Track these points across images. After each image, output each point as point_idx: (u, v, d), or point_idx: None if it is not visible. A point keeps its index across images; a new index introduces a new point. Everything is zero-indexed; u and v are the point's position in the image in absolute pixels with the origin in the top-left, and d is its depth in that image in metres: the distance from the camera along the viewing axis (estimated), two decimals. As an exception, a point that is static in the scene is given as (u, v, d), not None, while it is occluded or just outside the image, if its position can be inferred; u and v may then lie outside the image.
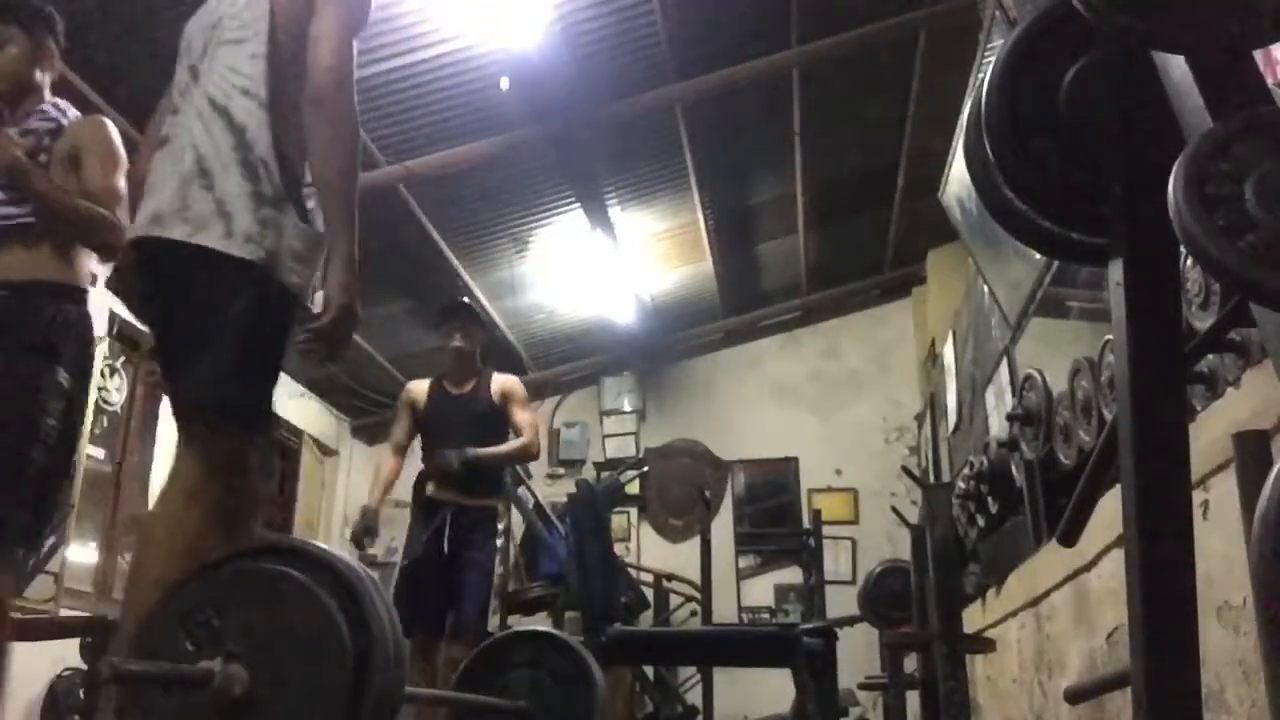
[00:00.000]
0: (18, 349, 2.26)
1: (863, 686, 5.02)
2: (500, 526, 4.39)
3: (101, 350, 4.46)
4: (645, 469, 7.69)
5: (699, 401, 8.19)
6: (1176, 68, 0.85)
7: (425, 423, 4.09)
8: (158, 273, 1.75)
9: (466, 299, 4.53)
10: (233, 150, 1.75)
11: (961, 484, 4.08)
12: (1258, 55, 1.23)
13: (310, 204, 1.82)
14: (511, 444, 4.09)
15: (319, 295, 1.78)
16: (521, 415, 4.11)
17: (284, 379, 1.99)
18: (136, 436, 5.35)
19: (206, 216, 1.70)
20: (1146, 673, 0.91)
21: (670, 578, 7.08)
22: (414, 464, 4.18)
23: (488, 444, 3.99)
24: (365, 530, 3.94)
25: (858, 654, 5.55)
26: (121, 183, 2.39)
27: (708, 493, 6.38)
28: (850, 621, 4.97)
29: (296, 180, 1.80)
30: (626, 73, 5.08)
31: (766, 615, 7.65)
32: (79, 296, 2.40)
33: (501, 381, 4.15)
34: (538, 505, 6.08)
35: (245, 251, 1.68)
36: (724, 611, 6.71)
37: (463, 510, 3.92)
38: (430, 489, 3.97)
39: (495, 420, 4.07)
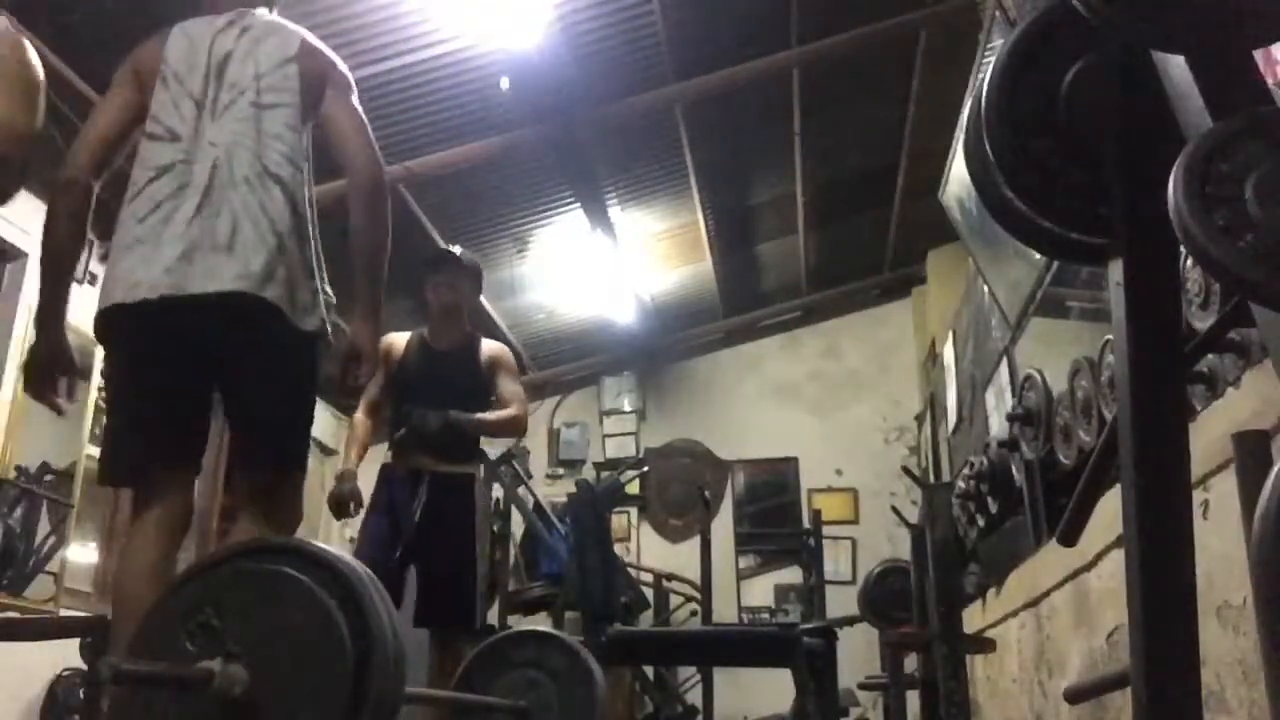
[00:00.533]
0: None
1: (863, 686, 5.02)
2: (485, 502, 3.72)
3: (100, 352, 4.47)
4: (645, 469, 7.69)
5: (699, 401, 8.19)
6: (1176, 68, 0.85)
7: (402, 379, 3.57)
8: (226, 326, 1.87)
9: (457, 247, 3.92)
10: (291, 219, 1.93)
11: (961, 484, 4.08)
12: (1258, 55, 1.23)
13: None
14: (500, 412, 3.62)
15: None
16: (511, 387, 3.67)
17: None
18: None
19: (282, 285, 1.88)
20: (1146, 673, 0.91)
21: (670, 578, 7.08)
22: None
23: (466, 410, 3.50)
24: (348, 495, 3.45)
25: (858, 654, 5.55)
26: (28, 118, 1.99)
27: (708, 493, 6.38)
28: (850, 621, 4.97)
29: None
30: (626, 73, 5.08)
31: (766, 615, 7.65)
32: None
33: (491, 347, 3.73)
34: (538, 505, 6.08)
35: (307, 325, 1.91)
36: (724, 611, 6.71)
37: (438, 477, 3.43)
38: (390, 455, 3.49)
39: (481, 387, 3.61)
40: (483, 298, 6.73)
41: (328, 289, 2.01)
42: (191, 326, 1.86)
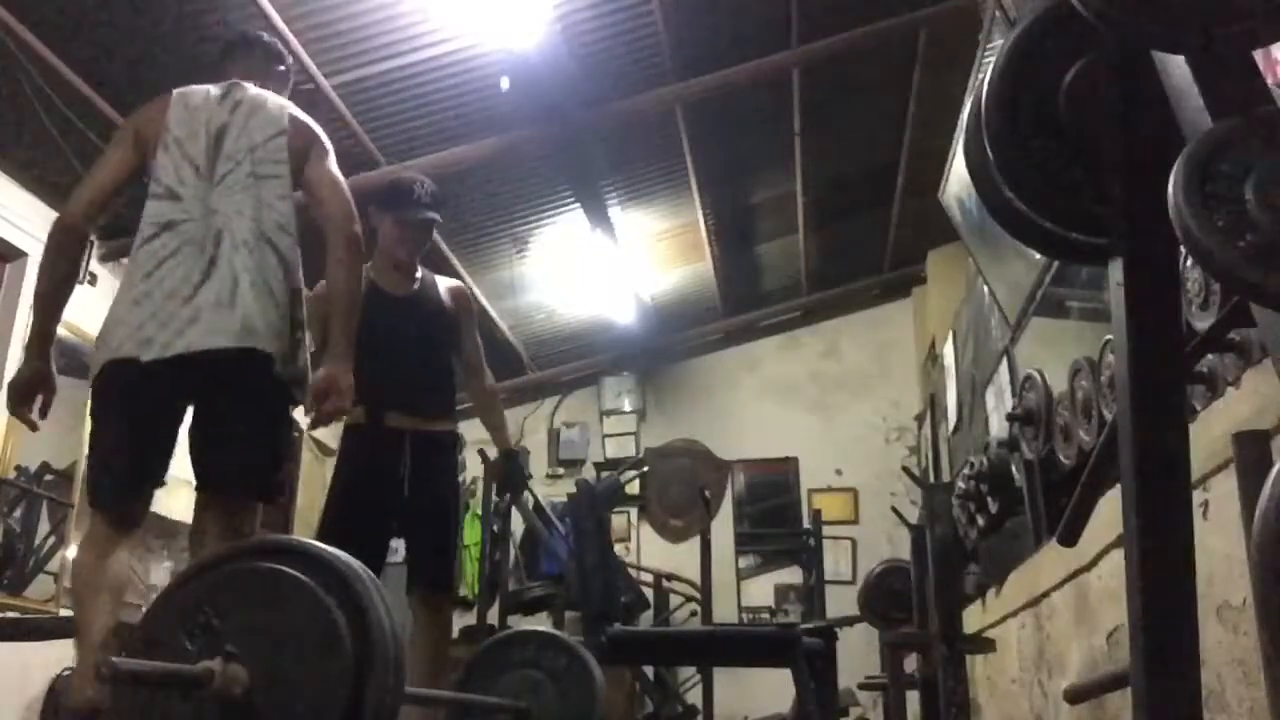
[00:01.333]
0: None
1: (863, 686, 5.02)
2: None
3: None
4: (645, 469, 7.68)
5: (699, 401, 8.19)
6: (1176, 68, 0.85)
7: (359, 332, 3.33)
8: (225, 375, 2.09)
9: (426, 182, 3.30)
10: (283, 280, 2.17)
11: (961, 484, 4.08)
12: (1258, 55, 1.23)
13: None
14: (500, 414, 3.43)
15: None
16: (476, 345, 3.31)
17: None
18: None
19: (275, 337, 2.11)
20: (1146, 673, 0.91)
21: (670, 578, 7.08)
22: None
23: (438, 360, 3.18)
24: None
25: (858, 654, 5.54)
26: None
27: (708, 493, 6.37)
28: (850, 621, 4.97)
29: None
30: (626, 73, 5.08)
31: (766, 615, 7.65)
32: None
33: (450, 288, 3.29)
34: (538, 505, 6.07)
35: (288, 373, 2.13)
36: (724, 611, 6.70)
37: (421, 437, 3.06)
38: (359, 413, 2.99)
39: (445, 336, 3.22)
40: (483, 297, 6.77)
41: (306, 335, 2.25)
42: (194, 377, 2.09)
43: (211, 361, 2.06)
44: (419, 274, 3.20)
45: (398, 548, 3.12)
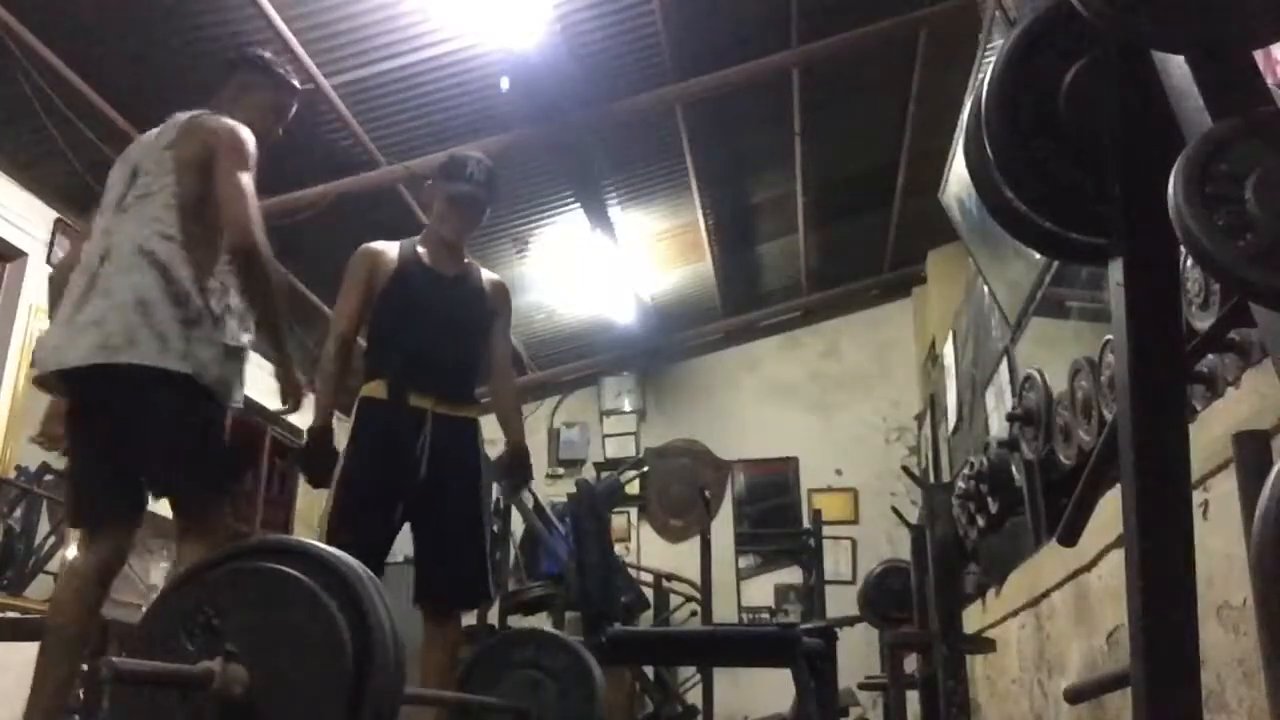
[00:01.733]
0: None
1: (863, 686, 5.02)
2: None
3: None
4: (645, 469, 7.68)
5: (699, 401, 8.19)
6: (1176, 68, 0.85)
7: (401, 304, 2.90)
8: (108, 391, 2.20)
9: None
10: (163, 286, 2.23)
11: (961, 484, 4.07)
12: (1258, 55, 1.23)
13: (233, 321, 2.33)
14: (519, 409, 3.27)
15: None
16: (505, 342, 3.15)
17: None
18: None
19: (150, 342, 2.18)
20: (1146, 673, 0.91)
21: (670, 578, 7.08)
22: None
23: (471, 346, 2.98)
24: (320, 457, 2.80)
25: (858, 654, 5.55)
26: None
27: (708, 493, 6.37)
28: (850, 621, 4.97)
29: (224, 304, 2.31)
30: (626, 73, 5.08)
31: (766, 615, 7.65)
32: None
33: (492, 280, 3.14)
34: (538, 505, 6.07)
35: (182, 366, 2.20)
36: (724, 611, 6.70)
37: (443, 420, 2.81)
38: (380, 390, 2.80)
39: (484, 324, 3.04)
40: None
41: (230, 321, 2.32)
42: (87, 393, 2.24)
43: (90, 378, 2.19)
44: (466, 259, 3.08)
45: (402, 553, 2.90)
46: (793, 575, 7.59)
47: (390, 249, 2.97)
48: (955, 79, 4.48)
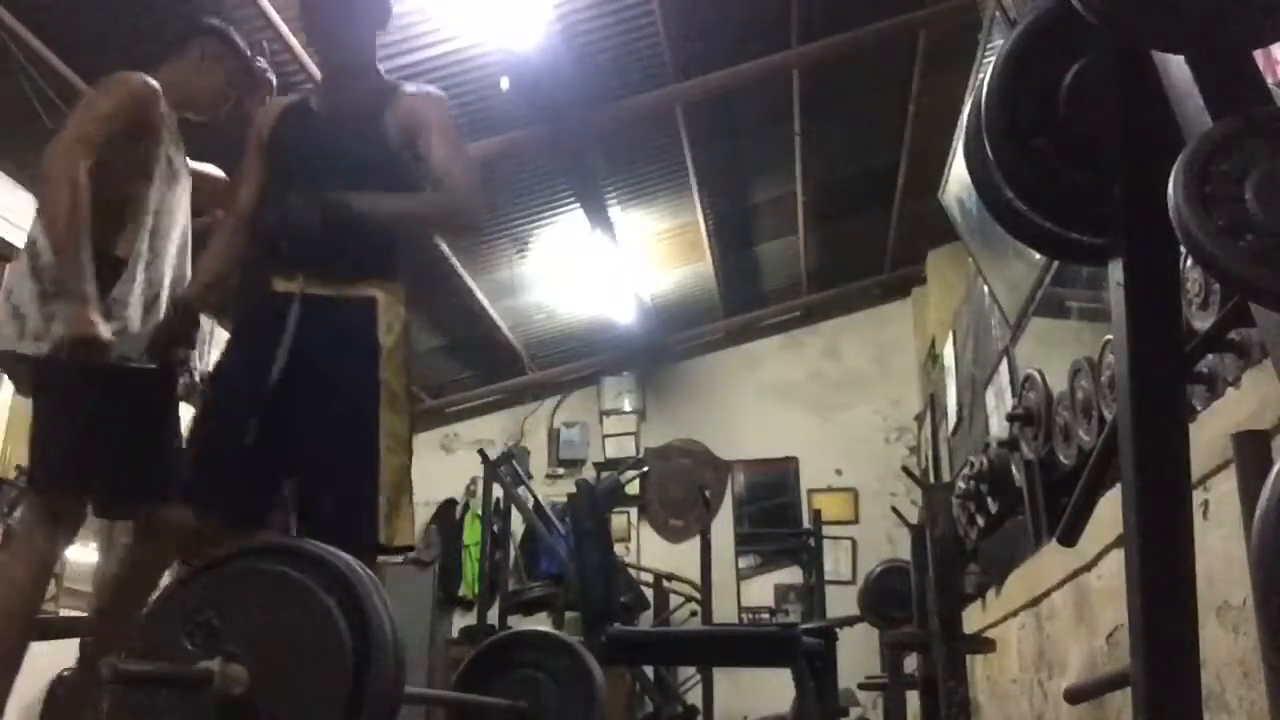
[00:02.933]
0: None
1: (863, 686, 5.02)
2: (387, 332, 2.17)
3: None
4: (645, 469, 7.69)
5: (699, 401, 8.19)
6: (1176, 68, 0.85)
7: (276, 164, 2.28)
8: None
9: None
10: (28, 262, 2.17)
11: (961, 484, 4.07)
12: (1258, 55, 1.23)
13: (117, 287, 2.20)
14: (422, 197, 2.25)
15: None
16: (443, 149, 2.23)
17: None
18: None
19: (4, 323, 2.15)
20: (1146, 673, 0.91)
21: (670, 578, 7.08)
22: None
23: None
24: (180, 329, 2.28)
25: (858, 654, 5.55)
26: None
27: (708, 493, 6.38)
28: (850, 621, 4.96)
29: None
30: (626, 73, 5.08)
31: (766, 615, 7.65)
32: None
33: (408, 91, 2.31)
34: (538, 505, 6.08)
35: (35, 349, 2.13)
36: (724, 611, 6.71)
37: (315, 304, 2.11)
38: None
39: (392, 158, 2.24)
40: (483, 298, 6.77)
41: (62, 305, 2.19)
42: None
43: None
44: (374, 84, 2.30)
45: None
46: (793, 575, 7.59)
47: (275, 104, 2.44)
48: (955, 79, 4.47)
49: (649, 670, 5.22)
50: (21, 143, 4.42)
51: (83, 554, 4.99)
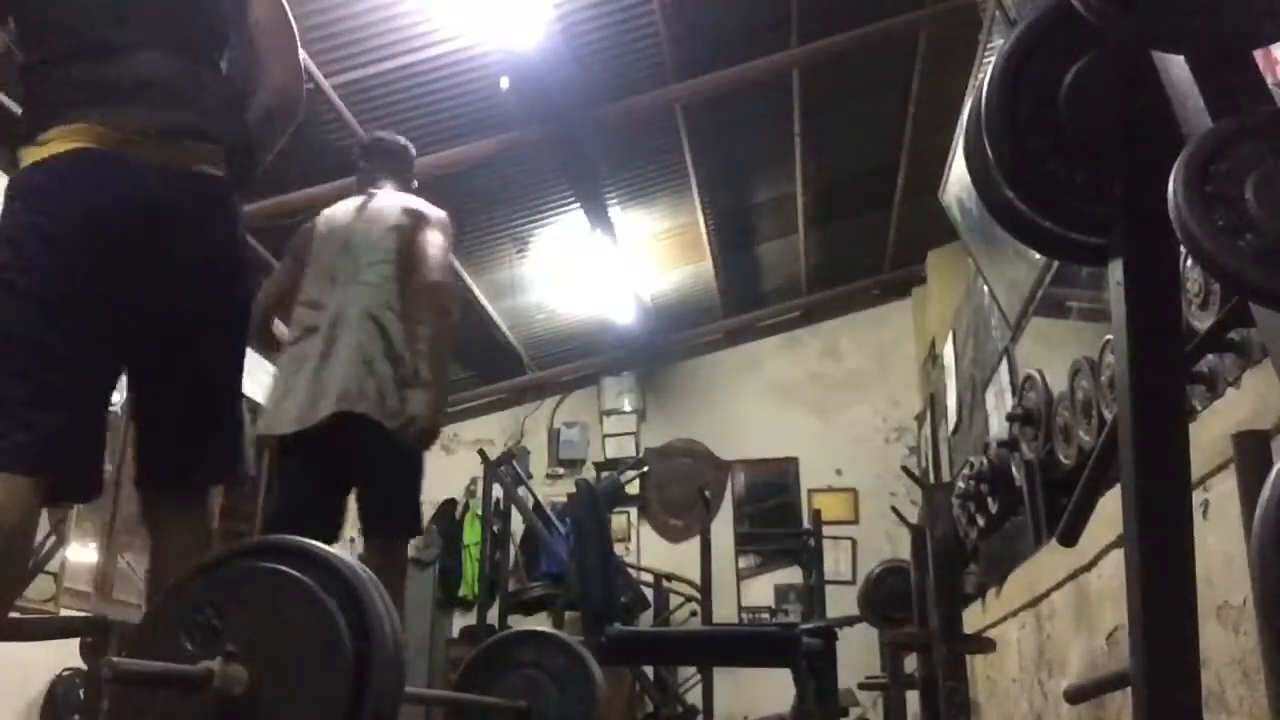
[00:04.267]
0: None
1: (863, 686, 5.02)
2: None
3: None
4: (645, 469, 7.70)
5: (699, 401, 8.19)
6: (1176, 68, 0.85)
7: None
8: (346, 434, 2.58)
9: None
10: (384, 350, 2.62)
11: (961, 484, 4.07)
12: (1258, 55, 1.23)
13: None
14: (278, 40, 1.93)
15: None
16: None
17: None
18: (136, 436, 5.35)
19: (373, 396, 2.58)
20: (1146, 673, 0.91)
21: (670, 578, 7.08)
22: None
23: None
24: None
25: (858, 654, 5.54)
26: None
27: (708, 493, 6.38)
28: (850, 621, 4.96)
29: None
30: (626, 73, 5.08)
31: (766, 615, 7.65)
32: None
33: None
34: (538, 505, 6.08)
35: (393, 424, 2.57)
36: (724, 611, 6.71)
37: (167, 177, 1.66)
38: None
39: None
40: (483, 298, 6.77)
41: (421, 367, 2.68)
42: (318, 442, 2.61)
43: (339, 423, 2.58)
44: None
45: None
46: (793, 575, 7.59)
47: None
48: (955, 79, 4.48)
49: (649, 670, 5.23)
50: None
51: (82, 554, 4.99)
